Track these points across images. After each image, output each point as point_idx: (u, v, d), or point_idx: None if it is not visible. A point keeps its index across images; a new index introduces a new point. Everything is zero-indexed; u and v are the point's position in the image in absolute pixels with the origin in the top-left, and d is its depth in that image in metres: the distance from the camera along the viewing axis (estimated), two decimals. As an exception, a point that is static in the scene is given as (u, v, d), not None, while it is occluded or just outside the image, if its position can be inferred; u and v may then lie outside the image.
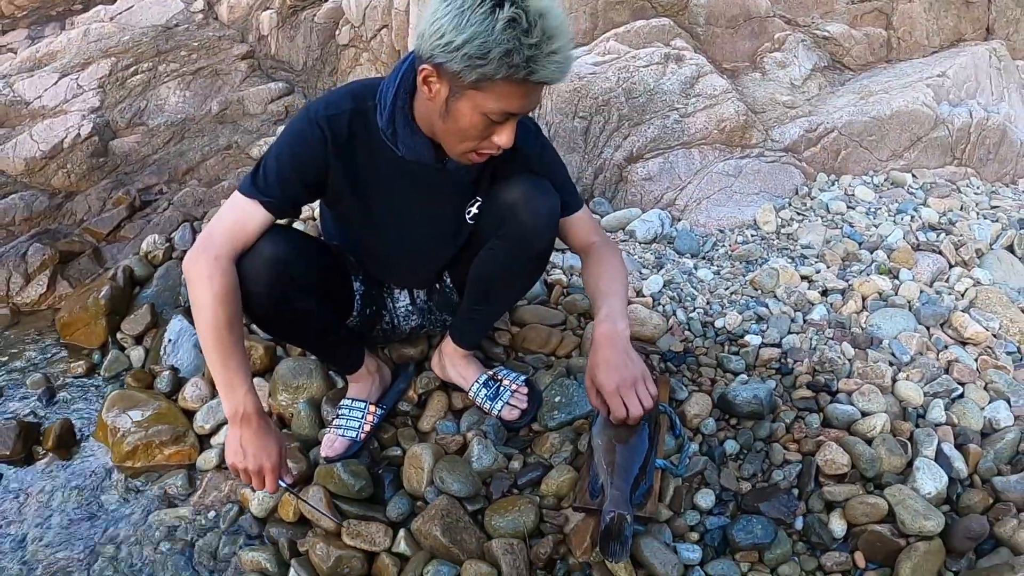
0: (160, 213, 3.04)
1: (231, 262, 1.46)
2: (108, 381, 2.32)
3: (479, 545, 1.58)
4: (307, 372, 2.03)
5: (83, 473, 1.96)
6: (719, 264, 2.47)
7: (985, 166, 3.15)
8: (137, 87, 3.61)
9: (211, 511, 1.82)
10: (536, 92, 1.34)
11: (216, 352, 1.44)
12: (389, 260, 1.78)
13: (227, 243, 1.45)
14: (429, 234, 1.70)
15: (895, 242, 2.51)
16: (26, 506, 1.87)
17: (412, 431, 1.90)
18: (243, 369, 1.47)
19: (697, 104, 2.82)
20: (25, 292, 2.74)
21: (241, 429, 1.46)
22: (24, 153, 3.19)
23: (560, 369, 1.96)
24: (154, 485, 1.91)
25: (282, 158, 1.48)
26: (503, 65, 1.23)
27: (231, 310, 1.44)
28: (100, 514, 1.85)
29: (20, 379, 2.33)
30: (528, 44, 1.22)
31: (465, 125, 1.36)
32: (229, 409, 1.46)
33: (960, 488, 1.71)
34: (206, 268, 1.42)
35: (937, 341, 2.09)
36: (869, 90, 3.06)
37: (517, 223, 1.57)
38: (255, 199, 1.47)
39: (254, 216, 1.47)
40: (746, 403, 1.80)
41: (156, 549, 1.74)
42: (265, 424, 1.49)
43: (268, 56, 3.85)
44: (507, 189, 1.58)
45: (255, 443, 1.46)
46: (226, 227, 1.47)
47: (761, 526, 1.56)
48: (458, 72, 1.27)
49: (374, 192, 1.57)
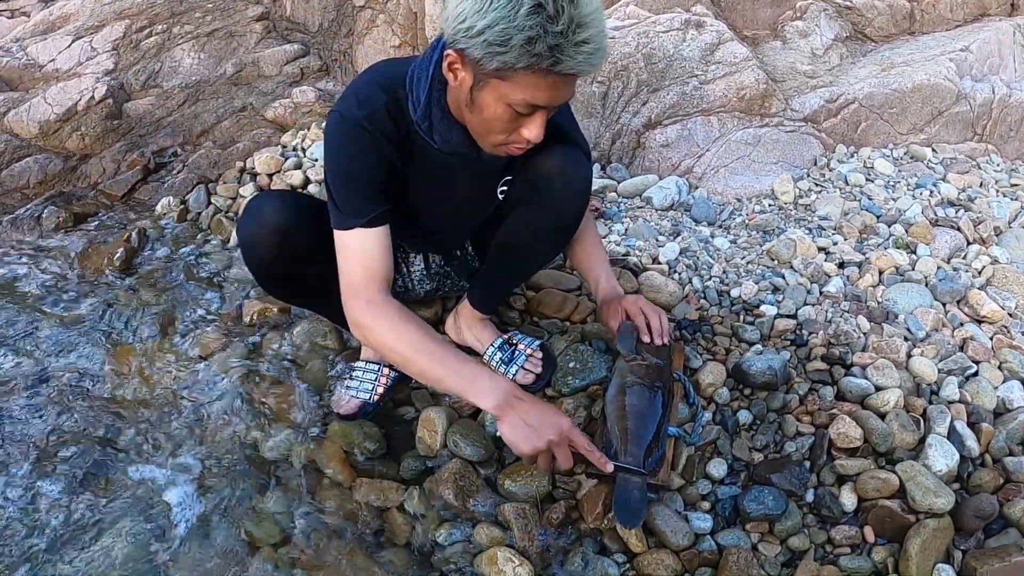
0: (174, 175, 3.04)
1: (383, 294, 1.40)
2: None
3: (492, 508, 1.60)
4: (322, 334, 2.07)
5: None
6: (736, 233, 2.46)
7: (1006, 143, 3.11)
8: (151, 49, 3.58)
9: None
10: (565, 84, 1.24)
11: (438, 367, 1.35)
12: (413, 231, 1.74)
13: (368, 281, 1.41)
14: (459, 211, 1.69)
15: (913, 217, 2.48)
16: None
17: (426, 392, 1.91)
18: (469, 360, 1.40)
19: (717, 71, 2.79)
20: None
21: (517, 411, 1.32)
22: (38, 116, 3.18)
23: (575, 335, 1.95)
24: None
25: (349, 178, 1.42)
26: (525, 53, 1.15)
27: (414, 326, 1.38)
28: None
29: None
30: (553, 32, 1.13)
31: (489, 116, 1.29)
32: (492, 401, 1.32)
33: (971, 467, 1.70)
34: (368, 316, 1.39)
35: (953, 318, 2.08)
36: (891, 62, 3.02)
37: (549, 194, 1.54)
38: (355, 228, 1.41)
39: (366, 242, 1.41)
40: (760, 373, 1.79)
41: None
42: (531, 395, 1.39)
43: (283, 18, 3.81)
44: (541, 158, 1.52)
45: (540, 415, 1.33)
46: (355, 269, 1.42)
47: (772, 497, 1.56)
48: (479, 59, 1.19)
49: (409, 176, 1.53)
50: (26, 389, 2.01)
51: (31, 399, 1.98)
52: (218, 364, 2.06)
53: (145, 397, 1.99)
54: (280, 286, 1.69)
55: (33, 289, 2.42)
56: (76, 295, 2.38)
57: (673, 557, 1.49)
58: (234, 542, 1.62)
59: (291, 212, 1.53)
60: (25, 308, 2.32)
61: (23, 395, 2.00)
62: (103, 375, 2.05)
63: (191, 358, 2.10)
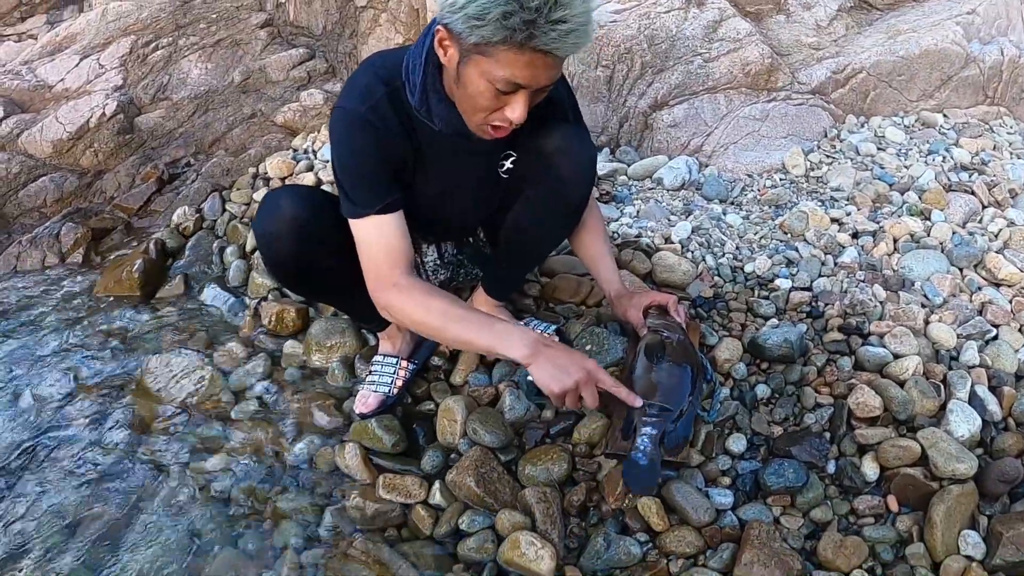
0: (189, 185, 3.07)
1: (407, 276, 1.45)
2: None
3: (513, 495, 1.61)
4: (340, 331, 2.08)
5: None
6: (748, 209, 2.45)
7: (1018, 105, 3.07)
8: (159, 62, 3.62)
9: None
10: (545, 63, 1.25)
11: (468, 330, 1.41)
12: (423, 219, 1.74)
13: (392, 267, 1.44)
14: (466, 197, 1.70)
15: (926, 183, 2.46)
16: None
17: (445, 384, 1.92)
18: (496, 320, 1.47)
19: (721, 48, 2.77)
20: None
21: (546, 355, 1.37)
22: (51, 136, 3.22)
23: (590, 318, 1.96)
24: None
25: (358, 169, 1.45)
26: (500, 27, 1.17)
27: (440, 298, 1.43)
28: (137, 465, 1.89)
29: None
30: (528, 7, 1.15)
31: (473, 92, 1.31)
32: (521, 350, 1.37)
33: (994, 431, 1.69)
34: (396, 298, 1.44)
35: (970, 282, 2.06)
36: (897, 29, 2.99)
37: (556, 173, 1.56)
38: (369, 216, 1.44)
39: (383, 228, 1.45)
40: (776, 347, 1.79)
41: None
42: (557, 342, 1.47)
43: (287, 23, 3.84)
44: (546, 139, 1.55)
45: (567, 358, 1.38)
46: (378, 255, 1.46)
47: (793, 470, 1.55)
48: (461, 33, 1.22)
49: (416, 163, 1.55)
50: (62, 399, 2.06)
51: (65, 405, 2.03)
52: (241, 373, 2.08)
53: (170, 406, 2.02)
54: (299, 280, 1.69)
55: (50, 314, 2.46)
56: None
57: (695, 533, 1.49)
58: (260, 543, 1.64)
59: (308, 204, 1.55)
60: (43, 329, 2.37)
61: (57, 399, 2.05)
62: (133, 391, 2.09)
63: (215, 366, 2.13)
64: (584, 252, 1.86)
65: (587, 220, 1.79)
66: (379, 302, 1.47)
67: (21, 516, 1.72)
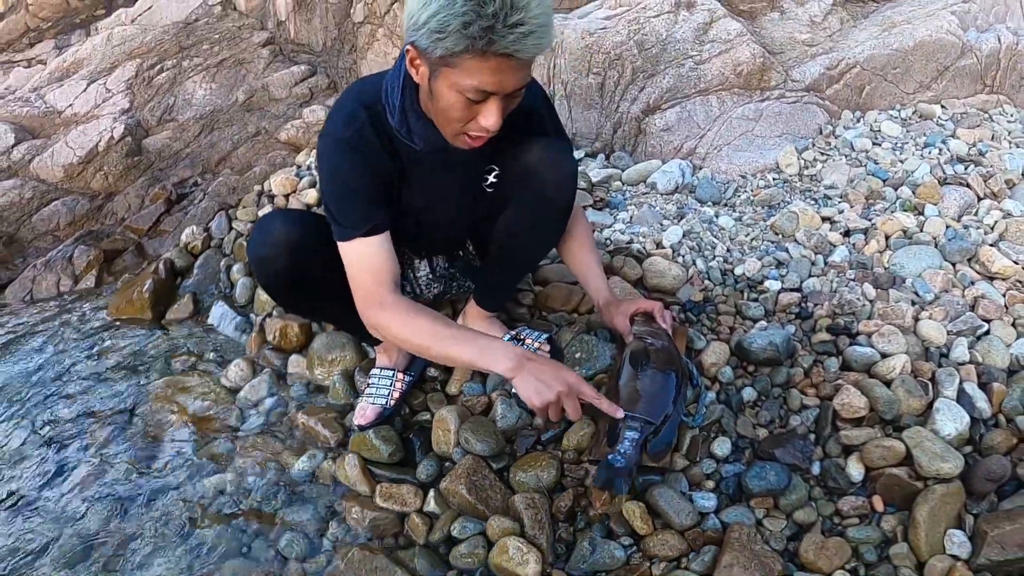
0: (196, 204, 3.14)
1: (393, 294, 1.49)
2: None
3: (504, 501, 1.64)
4: (340, 346, 2.13)
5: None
6: (741, 210, 2.46)
7: (1018, 92, 3.04)
8: (164, 85, 3.71)
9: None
10: (510, 67, 1.28)
11: (453, 346, 1.44)
12: (411, 235, 1.80)
13: (377, 286, 1.49)
14: (451, 209, 1.74)
15: (921, 177, 2.45)
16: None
17: (441, 395, 1.96)
18: (480, 335, 1.50)
19: (712, 50, 2.79)
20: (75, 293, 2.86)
21: (528, 369, 1.40)
22: (61, 160, 3.32)
23: (581, 325, 1.98)
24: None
25: (345, 193, 1.50)
26: (462, 37, 1.21)
27: (426, 316, 1.47)
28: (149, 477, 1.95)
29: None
30: (485, 15, 1.19)
31: (445, 105, 1.35)
32: (504, 363, 1.39)
33: (983, 428, 1.68)
34: (383, 317, 1.48)
35: (963, 277, 2.06)
36: (892, 21, 2.98)
37: (539, 181, 1.60)
38: (356, 238, 1.49)
39: (369, 249, 1.49)
40: (762, 349, 1.80)
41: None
42: (541, 356, 1.49)
43: (288, 41, 3.90)
44: (527, 151, 1.60)
45: (550, 371, 1.40)
46: (364, 276, 1.50)
47: (775, 472, 1.56)
48: (427, 49, 1.27)
49: (401, 183, 1.60)
50: (77, 416, 2.14)
51: (77, 426, 2.11)
52: (248, 390, 2.14)
53: (179, 424, 2.08)
54: (294, 300, 1.76)
55: (63, 336, 2.54)
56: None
57: (678, 537, 1.51)
58: (264, 554, 1.70)
59: (299, 226, 1.61)
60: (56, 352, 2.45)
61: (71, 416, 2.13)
62: (144, 411, 2.16)
63: (222, 384, 2.19)
64: (572, 262, 1.89)
65: (574, 230, 1.83)
66: (368, 321, 1.52)
67: (33, 531, 1.79)
